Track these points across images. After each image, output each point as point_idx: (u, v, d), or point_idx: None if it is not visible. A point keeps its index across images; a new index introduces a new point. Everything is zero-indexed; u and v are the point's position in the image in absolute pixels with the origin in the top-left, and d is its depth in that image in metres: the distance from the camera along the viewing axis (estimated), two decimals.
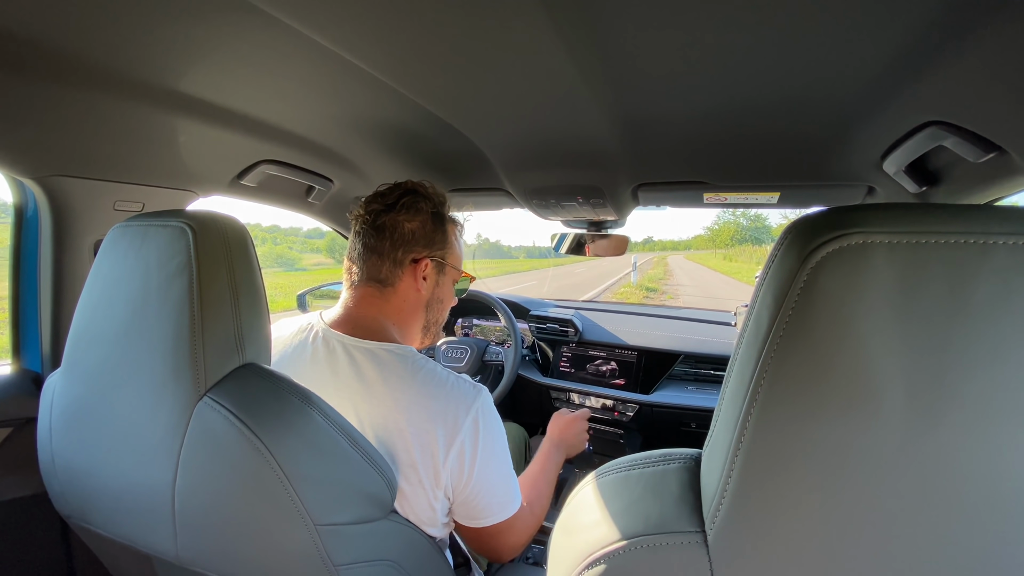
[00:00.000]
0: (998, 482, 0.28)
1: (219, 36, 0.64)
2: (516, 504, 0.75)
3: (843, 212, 0.29)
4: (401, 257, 0.79)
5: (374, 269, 0.79)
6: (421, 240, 0.80)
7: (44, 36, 0.62)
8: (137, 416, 0.56)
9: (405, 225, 0.79)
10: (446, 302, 0.88)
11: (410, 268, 0.80)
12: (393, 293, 0.80)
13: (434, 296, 0.85)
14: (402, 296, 0.80)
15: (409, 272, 0.80)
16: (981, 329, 0.27)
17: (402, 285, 0.80)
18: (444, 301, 0.88)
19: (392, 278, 0.79)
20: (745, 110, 0.76)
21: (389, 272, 0.79)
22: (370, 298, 0.79)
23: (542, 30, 0.54)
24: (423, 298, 0.83)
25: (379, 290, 0.79)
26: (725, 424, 0.33)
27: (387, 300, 0.80)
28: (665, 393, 1.61)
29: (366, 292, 0.79)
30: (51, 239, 0.91)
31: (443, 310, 0.89)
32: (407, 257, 0.79)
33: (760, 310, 0.31)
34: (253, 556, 0.55)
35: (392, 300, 0.80)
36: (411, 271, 0.80)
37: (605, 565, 0.35)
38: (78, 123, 0.79)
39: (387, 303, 0.80)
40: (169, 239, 0.55)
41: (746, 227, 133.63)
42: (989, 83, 0.55)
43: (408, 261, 0.80)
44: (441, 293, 0.86)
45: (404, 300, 0.81)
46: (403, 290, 0.80)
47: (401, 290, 0.80)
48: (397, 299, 0.80)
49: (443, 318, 0.90)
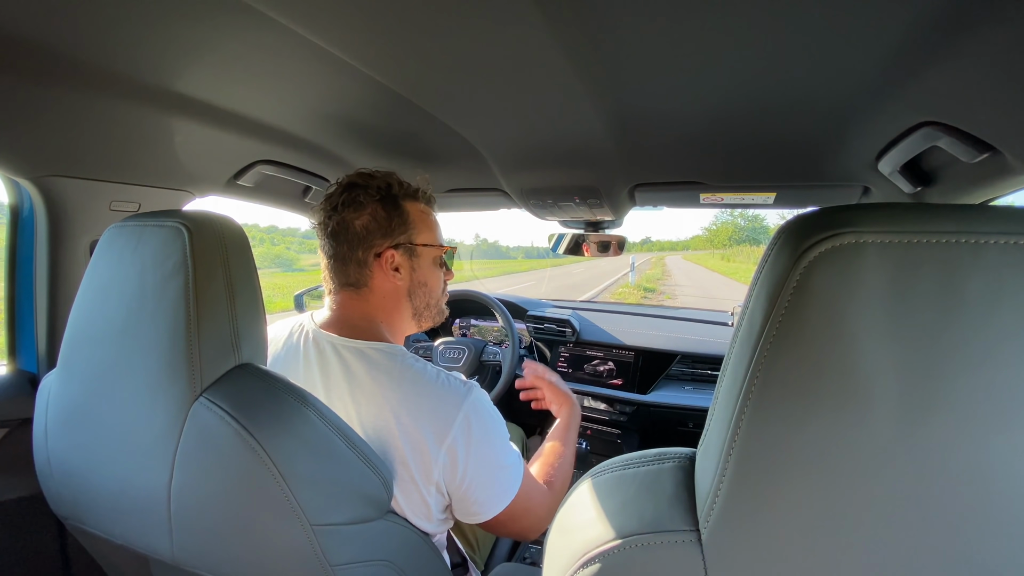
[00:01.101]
0: (988, 480, 0.28)
1: (215, 36, 0.64)
2: (512, 492, 0.72)
3: (836, 212, 0.29)
4: (363, 256, 0.76)
5: (342, 275, 0.78)
6: (376, 232, 0.77)
7: (39, 36, 0.61)
8: (133, 416, 0.56)
9: (354, 223, 0.76)
10: (431, 284, 0.84)
11: (376, 263, 0.77)
12: (370, 292, 0.78)
13: (414, 282, 0.81)
14: (379, 293, 0.78)
15: (377, 267, 0.77)
16: (973, 329, 0.27)
17: (375, 282, 0.78)
18: (428, 283, 0.83)
19: (362, 279, 0.77)
20: (741, 111, 0.76)
21: (357, 274, 0.77)
22: (350, 301, 0.78)
23: (538, 30, 0.54)
24: (402, 288, 0.80)
25: (356, 292, 0.78)
26: (719, 423, 0.33)
27: (366, 300, 0.78)
28: (662, 393, 1.61)
29: (345, 297, 0.79)
30: (47, 239, 0.91)
31: (430, 293, 0.84)
32: (368, 254, 0.77)
33: (753, 310, 0.31)
34: (249, 556, 0.55)
35: (371, 299, 0.78)
36: (378, 266, 0.77)
37: (600, 564, 0.35)
38: (74, 123, 0.79)
39: (367, 303, 0.78)
40: (165, 239, 0.55)
41: (744, 227, 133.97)
42: (983, 83, 0.55)
43: (371, 258, 0.77)
44: (422, 276, 0.82)
45: (383, 296, 0.79)
46: (378, 287, 0.78)
47: (376, 287, 0.78)
48: (376, 297, 0.78)
49: (435, 300, 0.86)
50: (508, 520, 0.72)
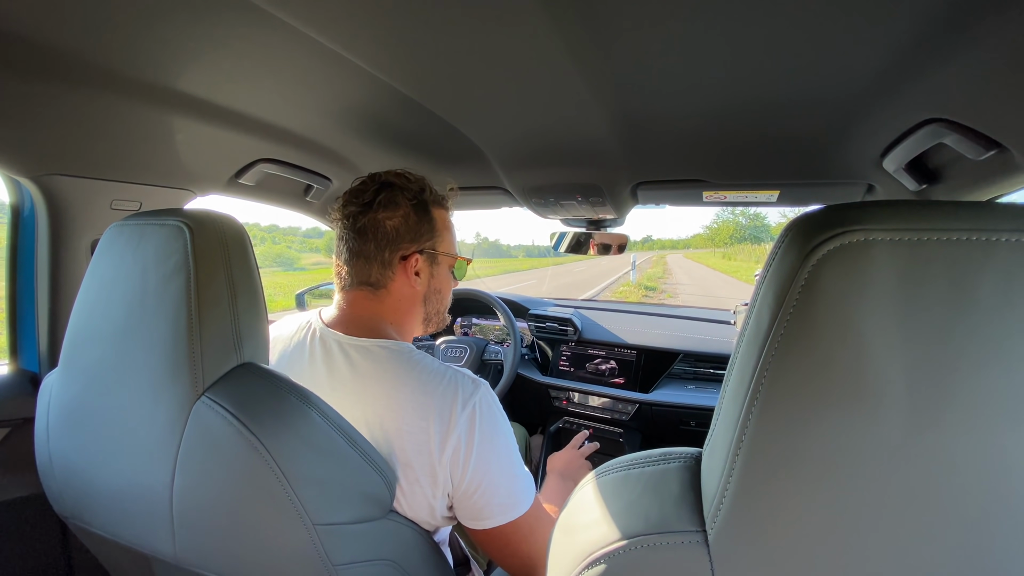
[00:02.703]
0: (1000, 480, 0.28)
1: (217, 34, 0.64)
2: (525, 505, 0.69)
3: (844, 209, 0.29)
4: (389, 258, 0.76)
5: (363, 273, 0.77)
6: (406, 236, 0.77)
7: (41, 34, 0.61)
8: (134, 416, 0.56)
9: (386, 223, 0.76)
10: (444, 291, 0.85)
11: (400, 266, 0.77)
12: (387, 294, 0.78)
13: (431, 288, 0.81)
14: (397, 295, 0.78)
15: (400, 270, 0.77)
16: (983, 326, 0.26)
17: (395, 285, 0.78)
18: (442, 291, 0.84)
19: (383, 280, 0.77)
20: (745, 108, 0.75)
21: (379, 275, 0.77)
22: (364, 300, 0.78)
23: (542, 29, 0.54)
24: (419, 293, 0.80)
25: (372, 292, 0.77)
26: (726, 423, 0.33)
27: (381, 301, 0.78)
28: (664, 392, 1.61)
29: (359, 295, 0.78)
30: (48, 238, 0.91)
31: (442, 300, 0.85)
32: (395, 256, 0.76)
33: (761, 308, 0.31)
34: (251, 556, 0.55)
35: (387, 301, 0.78)
36: (402, 269, 0.77)
37: (605, 565, 0.35)
38: (75, 122, 0.79)
39: (382, 304, 0.78)
40: (166, 238, 0.55)
41: (745, 226, 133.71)
42: (990, 80, 0.55)
43: (397, 260, 0.77)
44: (438, 283, 0.83)
45: (399, 299, 0.78)
46: (397, 289, 0.78)
47: (395, 290, 0.78)
48: (392, 299, 0.78)
49: (444, 307, 0.86)
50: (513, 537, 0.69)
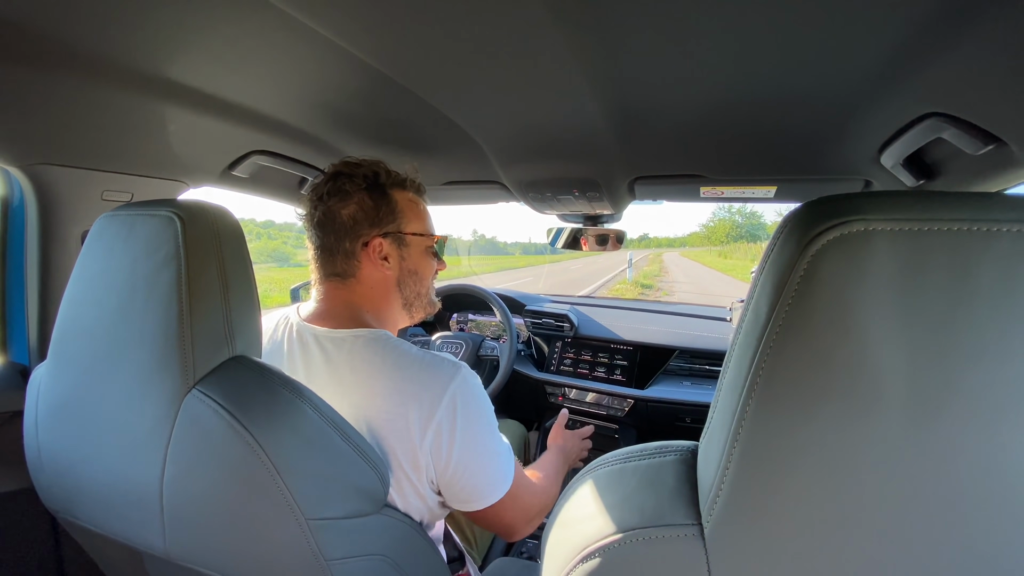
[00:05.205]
0: (1001, 474, 0.28)
1: (210, 22, 0.63)
2: (509, 479, 0.72)
3: (844, 199, 0.29)
4: (350, 247, 0.75)
5: (329, 265, 0.77)
6: (364, 222, 0.76)
7: (31, 21, 0.60)
8: (124, 409, 0.55)
9: (341, 213, 0.75)
10: (422, 272, 0.83)
11: (364, 253, 0.76)
12: (357, 283, 0.77)
13: (403, 271, 0.80)
14: (368, 283, 0.77)
15: (365, 257, 0.76)
16: (984, 318, 0.26)
17: (363, 272, 0.77)
18: (419, 272, 0.82)
19: (350, 269, 0.76)
20: (743, 103, 0.75)
21: (344, 265, 0.76)
22: (336, 291, 0.77)
23: (539, 18, 0.53)
24: (391, 277, 0.79)
25: (342, 282, 0.77)
26: (722, 416, 0.32)
27: (352, 290, 0.77)
28: (660, 388, 1.61)
29: (330, 287, 0.77)
30: (37, 229, 0.89)
31: (421, 282, 0.83)
32: (356, 244, 0.76)
33: (759, 299, 0.30)
34: (243, 551, 0.55)
35: (358, 289, 0.77)
36: (366, 256, 0.76)
37: (600, 558, 0.35)
38: (65, 110, 0.78)
39: (354, 293, 0.77)
40: (157, 228, 0.54)
41: (741, 224, 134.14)
42: (989, 73, 0.54)
43: (359, 247, 0.76)
44: (412, 265, 0.81)
45: (371, 286, 0.78)
46: (366, 276, 0.77)
47: (364, 277, 0.77)
48: (363, 287, 0.77)
49: (425, 290, 0.85)
50: (499, 509, 0.72)
